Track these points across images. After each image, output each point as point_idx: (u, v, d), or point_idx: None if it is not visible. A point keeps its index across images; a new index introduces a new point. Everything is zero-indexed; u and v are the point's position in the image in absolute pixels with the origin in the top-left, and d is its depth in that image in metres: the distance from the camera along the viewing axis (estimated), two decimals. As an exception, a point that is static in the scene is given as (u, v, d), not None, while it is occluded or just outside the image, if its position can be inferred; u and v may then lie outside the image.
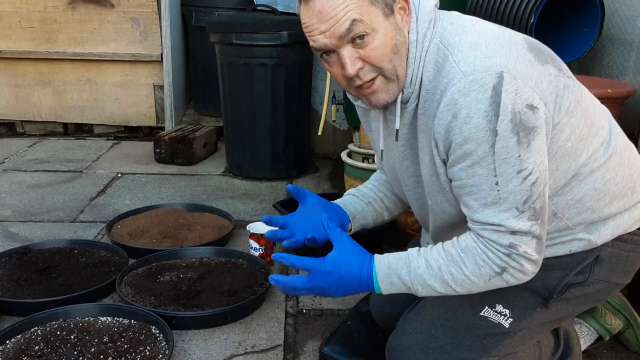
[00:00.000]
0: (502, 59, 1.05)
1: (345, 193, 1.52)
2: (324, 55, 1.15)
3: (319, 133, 2.71)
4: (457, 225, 1.22)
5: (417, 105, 1.17)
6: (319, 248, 1.39)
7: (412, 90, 1.16)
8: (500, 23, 2.29)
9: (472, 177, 1.08)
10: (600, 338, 1.54)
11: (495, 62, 1.04)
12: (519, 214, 1.07)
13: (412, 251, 1.19)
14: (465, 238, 1.14)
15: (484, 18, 2.41)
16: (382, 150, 1.33)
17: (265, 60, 2.79)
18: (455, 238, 1.17)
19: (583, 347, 1.50)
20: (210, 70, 3.61)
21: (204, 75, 3.79)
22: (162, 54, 3.58)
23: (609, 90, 1.90)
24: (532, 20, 2.13)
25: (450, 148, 1.09)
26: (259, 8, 3.26)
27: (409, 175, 1.30)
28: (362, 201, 1.48)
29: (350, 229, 1.45)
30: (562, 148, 1.13)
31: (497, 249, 1.10)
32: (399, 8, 1.12)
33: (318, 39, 1.10)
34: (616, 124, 1.27)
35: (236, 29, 2.77)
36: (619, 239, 1.23)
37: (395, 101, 1.18)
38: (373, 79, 1.13)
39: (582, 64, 2.45)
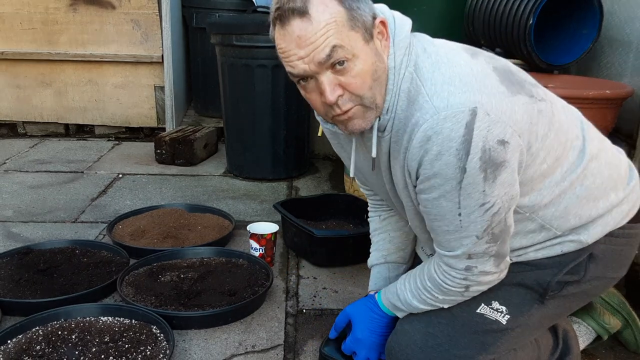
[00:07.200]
0: (475, 94, 1.04)
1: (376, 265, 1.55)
2: (301, 81, 1.11)
3: (319, 134, 2.71)
4: None
5: (391, 133, 1.16)
6: None
7: (390, 119, 1.14)
8: (500, 24, 2.30)
9: (437, 207, 1.12)
10: (598, 337, 1.55)
11: (468, 97, 1.03)
12: (477, 241, 1.12)
13: (400, 286, 1.33)
14: (430, 267, 1.24)
15: (484, 19, 2.42)
16: (353, 177, 1.36)
17: (265, 61, 2.79)
18: (426, 266, 1.27)
19: (582, 347, 1.51)
20: (211, 71, 3.62)
21: (204, 76, 3.80)
22: (162, 55, 3.59)
23: (607, 91, 1.90)
24: (531, 22, 2.13)
25: (418, 178, 1.11)
26: (259, 9, 3.28)
27: (393, 195, 1.30)
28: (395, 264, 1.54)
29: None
30: (538, 171, 1.14)
31: (453, 276, 1.19)
32: (377, 33, 1.10)
33: (296, 64, 1.06)
34: (589, 125, 1.26)
35: (236, 31, 2.78)
36: (611, 234, 1.23)
37: (371, 128, 1.15)
38: (351, 108, 1.10)
39: (581, 65, 2.46)
